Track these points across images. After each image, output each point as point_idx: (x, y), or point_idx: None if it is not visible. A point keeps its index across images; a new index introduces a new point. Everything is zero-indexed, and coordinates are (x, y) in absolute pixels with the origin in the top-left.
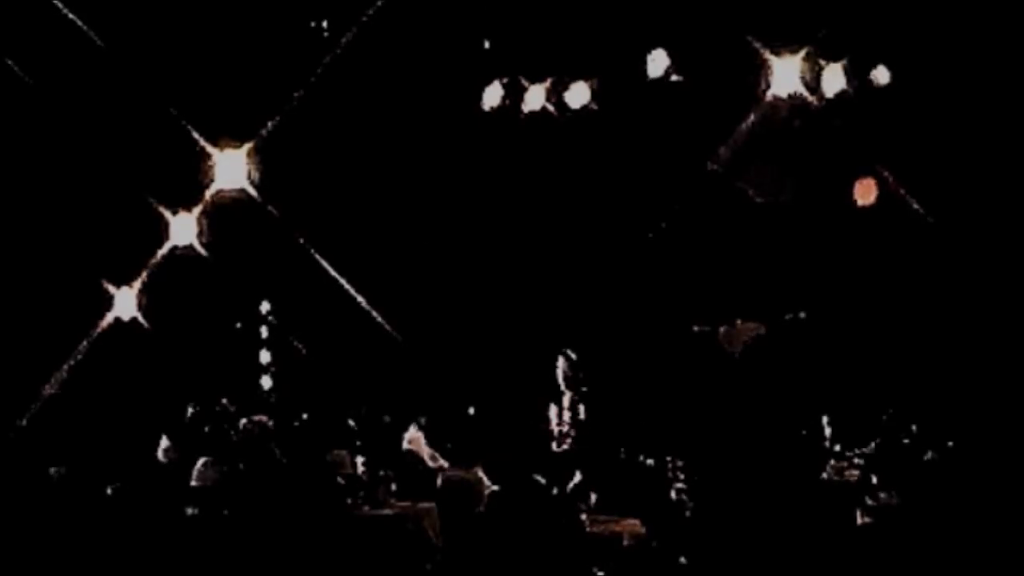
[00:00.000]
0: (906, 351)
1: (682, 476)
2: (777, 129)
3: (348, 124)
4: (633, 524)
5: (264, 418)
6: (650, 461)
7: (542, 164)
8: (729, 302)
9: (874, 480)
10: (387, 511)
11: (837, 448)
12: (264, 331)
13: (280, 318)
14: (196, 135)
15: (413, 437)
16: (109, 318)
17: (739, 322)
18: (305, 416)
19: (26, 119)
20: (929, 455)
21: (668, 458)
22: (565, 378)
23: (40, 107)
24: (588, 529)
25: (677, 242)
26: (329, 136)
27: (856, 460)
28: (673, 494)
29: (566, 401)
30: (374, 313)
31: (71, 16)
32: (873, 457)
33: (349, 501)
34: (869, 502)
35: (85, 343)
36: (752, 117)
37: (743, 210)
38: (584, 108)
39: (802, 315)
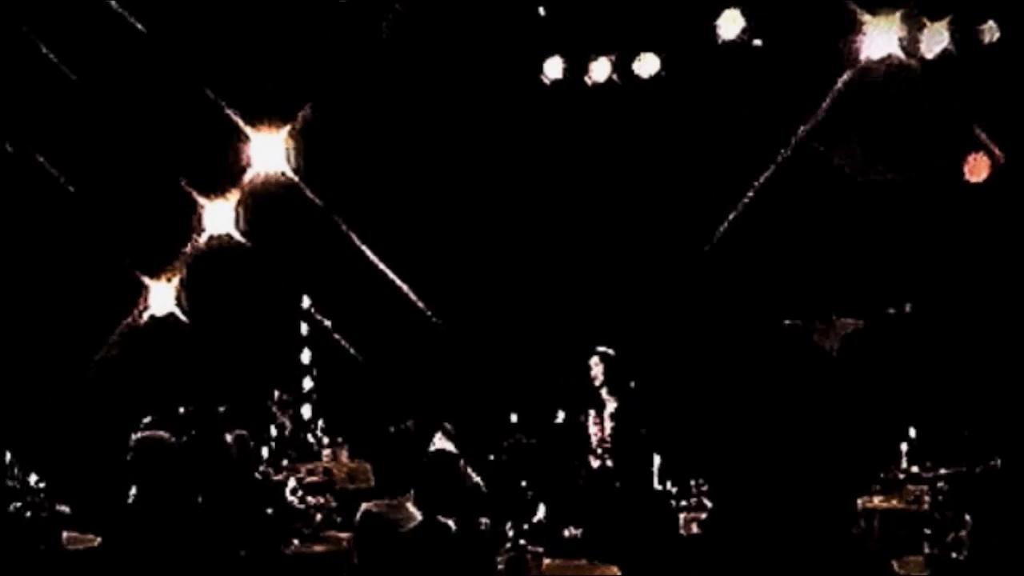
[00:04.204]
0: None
1: (708, 504)
2: (873, 97)
3: (394, 102)
4: (609, 572)
5: (163, 433)
6: (669, 486)
7: (607, 142)
8: (824, 294)
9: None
10: (318, 547)
11: (914, 469)
12: (304, 328)
13: (321, 311)
14: (232, 116)
15: (440, 448)
16: (141, 312)
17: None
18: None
19: (57, 101)
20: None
21: (694, 482)
22: (600, 382)
23: (71, 89)
24: None
25: (762, 225)
26: (374, 115)
27: (940, 484)
28: (682, 528)
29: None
30: (421, 305)
31: None
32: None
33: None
34: (928, 550)
35: (115, 337)
36: (844, 84)
37: (837, 189)
38: (654, 78)
39: (907, 308)
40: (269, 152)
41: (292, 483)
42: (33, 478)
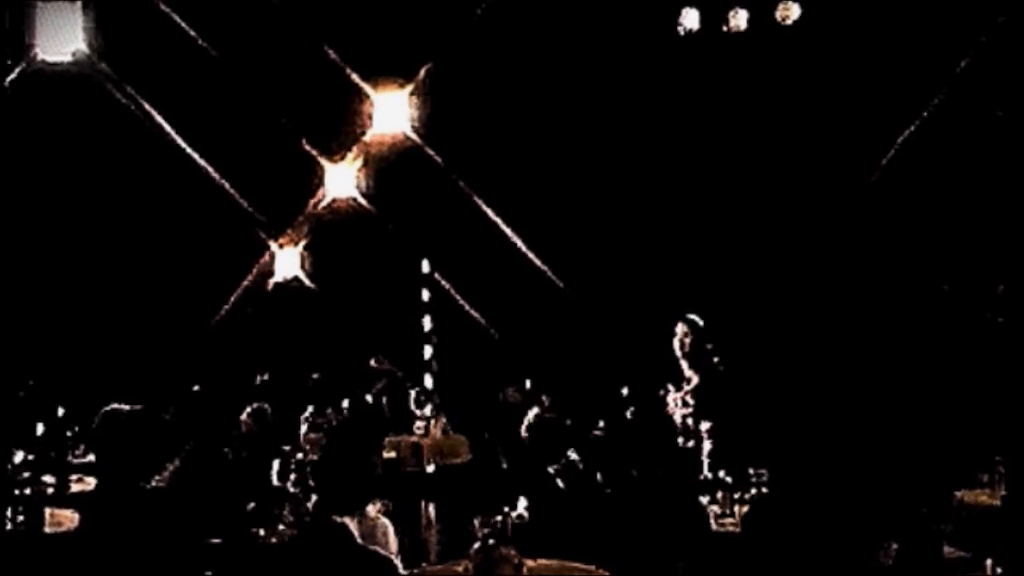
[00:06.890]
0: None
1: (765, 491)
2: None
3: (520, 58)
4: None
5: (126, 407)
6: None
7: (745, 94)
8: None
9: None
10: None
11: None
12: (425, 294)
13: (442, 274)
14: (354, 76)
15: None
16: (266, 276)
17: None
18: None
19: (180, 66)
20: None
21: (753, 471)
22: (685, 352)
23: (194, 53)
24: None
25: (910, 180)
26: (498, 72)
27: None
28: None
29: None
30: (545, 269)
31: None
32: None
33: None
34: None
35: (233, 301)
36: (1001, 24)
37: (995, 141)
38: (794, 25)
39: None
40: (391, 113)
41: (277, 465)
42: (19, 456)
